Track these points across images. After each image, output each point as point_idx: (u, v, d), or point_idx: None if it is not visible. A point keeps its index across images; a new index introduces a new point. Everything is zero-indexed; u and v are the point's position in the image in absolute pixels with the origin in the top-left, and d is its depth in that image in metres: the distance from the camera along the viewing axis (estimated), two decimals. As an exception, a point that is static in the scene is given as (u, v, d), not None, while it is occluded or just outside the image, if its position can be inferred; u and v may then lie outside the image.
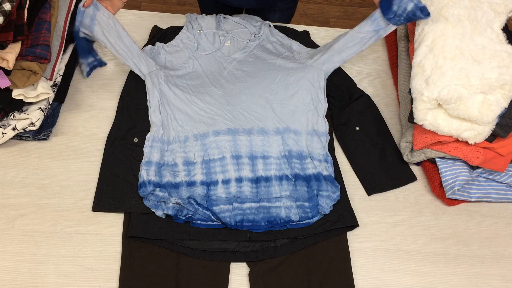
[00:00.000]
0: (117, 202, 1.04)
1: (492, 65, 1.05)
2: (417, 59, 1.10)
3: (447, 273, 1.05)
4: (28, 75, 1.06)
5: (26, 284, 0.95)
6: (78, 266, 0.98)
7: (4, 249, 0.98)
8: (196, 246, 1.01)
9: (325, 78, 1.23)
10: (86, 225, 1.03)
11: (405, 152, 1.16)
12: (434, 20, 1.14)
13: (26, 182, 1.07)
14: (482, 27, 1.12)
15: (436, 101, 1.04)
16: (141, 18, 1.39)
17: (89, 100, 1.21)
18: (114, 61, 1.29)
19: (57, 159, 1.11)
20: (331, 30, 1.44)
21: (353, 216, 1.08)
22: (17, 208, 1.03)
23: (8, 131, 1.07)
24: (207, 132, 1.13)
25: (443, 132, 1.07)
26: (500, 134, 1.07)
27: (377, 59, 1.40)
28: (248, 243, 1.02)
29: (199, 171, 1.08)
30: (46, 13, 1.13)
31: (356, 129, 1.21)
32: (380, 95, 1.31)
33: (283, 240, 1.03)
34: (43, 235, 1.00)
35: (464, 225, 1.12)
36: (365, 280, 1.03)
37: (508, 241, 1.11)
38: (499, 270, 1.07)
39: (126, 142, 1.12)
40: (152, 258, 0.99)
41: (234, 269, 1.01)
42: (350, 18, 2.56)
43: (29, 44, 1.07)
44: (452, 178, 1.09)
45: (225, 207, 1.03)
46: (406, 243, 1.08)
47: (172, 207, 1.03)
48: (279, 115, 1.17)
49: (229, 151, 1.11)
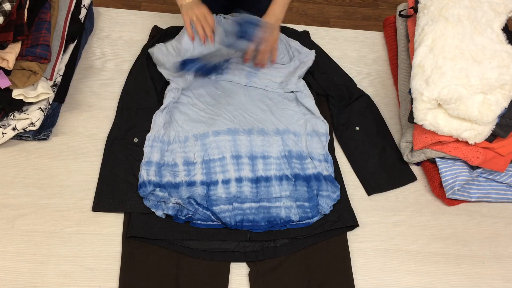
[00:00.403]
0: (117, 202, 1.04)
1: (492, 65, 1.05)
2: (417, 59, 1.10)
3: (447, 273, 1.05)
4: (28, 75, 1.06)
5: (26, 284, 0.95)
6: (78, 266, 0.98)
7: (4, 249, 0.98)
8: (196, 246, 1.01)
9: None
10: (86, 225, 1.03)
11: (405, 152, 1.16)
12: (434, 20, 1.14)
13: (26, 182, 1.07)
14: (482, 27, 1.12)
15: (436, 101, 1.04)
16: (141, 18, 1.39)
17: (89, 100, 1.21)
18: (114, 61, 1.29)
19: (57, 159, 1.11)
20: (331, 30, 1.44)
21: (353, 216, 1.08)
22: (17, 208, 1.03)
23: (8, 131, 1.06)
24: (207, 132, 1.13)
25: (443, 132, 1.07)
26: (500, 134, 1.07)
27: (377, 59, 1.40)
28: (248, 243, 1.02)
29: (199, 171, 1.08)
30: (46, 13, 1.13)
31: (356, 129, 1.21)
32: (380, 95, 1.31)
33: (283, 240, 1.03)
34: (43, 235, 1.00)
35: (464, 225, 1.12)
36: (365, 280, 1.03)
37: (508, 241, 1.11)
38: (499, 270, 1.07)
39: (126, 142, 1.12)
40: (152, 258, 0.99)
41: (234, 269, 1.01)
42: (350, 18, 2.56)
43: (29, 44, 1.07)
44: (452, 178, 1.09)
45: (225, 207, 1.03)
46: (406, 243, 1.08)
47: (172, 207, 1.02)
48: (278, 118, 1.18)
49: (229, 151, 1.11)
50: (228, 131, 1.13)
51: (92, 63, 1.28)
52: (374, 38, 1.45)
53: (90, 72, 1.26)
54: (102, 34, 1.34)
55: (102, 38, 1.33)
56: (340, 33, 1.44)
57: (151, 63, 1.24)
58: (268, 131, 1.15)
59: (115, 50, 1.31)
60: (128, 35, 1.34)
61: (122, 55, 1.30)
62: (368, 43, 1.43)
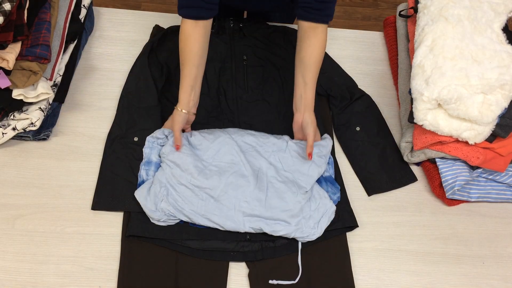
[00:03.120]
0: (117, 200, 1.04)
1: (492, 65, 1.05)
2: (417, 59, 1.10)
3: (447, 273, 1.05)
4: (28, 75, 1.06)
5: (26, 284, 0.95)
6: (78, 266, 0.98)
7: (4, 249, 0.98)
8: (195, 245, 1.01)
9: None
10: (86, 225, 1.03)
11: (405, 152, 1.16)
12: (434, 20, 1.14)
13: (26, 182, 1.07)
14: (482, 27, 1.12)
15: (436, 101, 1.04)
16: (141, 18, 1.39)
17: (89, 100, 1.21)
18: (114, 61, 1.29)
19: (57, 159, 1.11)
20: (331, 30, 1.44)
21: (353, 217, 1.07)
22: (17, 208, 1.03)
23: (8, 131, 1.06)
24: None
25: (443, 132, 1.06)
26: (500, 134, 1.07)
27: (377, 59, 1.40)
28: (247, 243, 1.02)
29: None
30: (46, 13, 1.13)
31: (356, 129, 1.21)
32: (380, 95, 1.31)
33: (282, 240, 1.03)
34: (43, 235, 1.00)
35: (464, 225, 1.12)
36: (365, 280, 1.03)
37: (508, 241, 1.11)
38: (499, 270, 1.07)
39: (126, 140, 1.12)
40: (151, 258, 0.99)
41: (234, 269, 1.01)
42: (350, 18, 2.56)
43: (29, 44, 1.07)
44: (452, 178, 1.09)
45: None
46: (406, 243, 1.08)
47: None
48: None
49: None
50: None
51: (92, 63, 1.28)
52: (374, 38, 1.45)
53: (90, 72, 1.26)
54: (102, 34, 1.34)
55: (102, 38, 1.33)
56: (340, 33, 1.44)
57: (152, 63, 1.24)
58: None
59: (115, 50, 1.31)
60: (128, 35, 1.34)
61: (122, 55, 1.30)
62: (368, 43, 1.43)
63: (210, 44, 1.28)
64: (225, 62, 1.26)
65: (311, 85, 1.07)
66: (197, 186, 1.02)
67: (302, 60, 1.06)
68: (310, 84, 1.07)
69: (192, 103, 1.08)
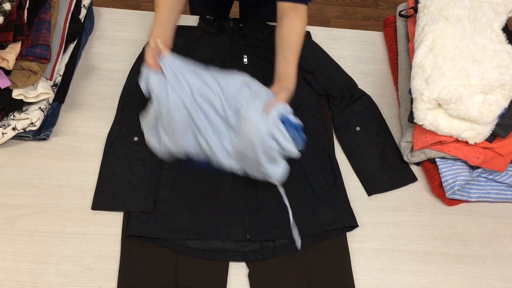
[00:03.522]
0: (117, 200, 1.04)
1: (492, 65, 1.05)
2: (417, 59, 1.10)
3: (447, 273, 1.05)
4: (28, 75, 1.06)
5: (26, 284, 0.95)
6: (78, 266, 0.98)
7: (4, 249, 0.98)
8: (195, 245, 1.01)
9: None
10: (86, 225, 1.03)
11: (405, 152, 1.16)
12: (434, 20, 1.14)
13: (26, 182, 1.07)
14: (482, 27, 1.12)
15: (436, 101, 1.04)
16: (141, 18, 1.39)
17: (89, 100, 1.21)
18: (114, 61, 1.29)
19: (57, 159, 1.11)
20: (331, 30, 1.44)
21: (353, 217, 1.08)
22: (17, 208, 1.03)
23: (8, 131, 1.06)
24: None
25: (443, 132, 1.07)
26: (500, 134, 1.07)
27: (377, 59, 1.40)
28: (247, 243, 1.02)
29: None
30: (46, 13, 1.13)
31: (356, 129, 1.21)
32: (380, 95, 1.31)
33: (282, 240, 1.03)
34: (43, 235, 1.00)
35: (464, 225, 1.12)
36: (365, 280, 1.03)
37: (508, 241, 1.11)
38: (499, 270, 1.07)
39: (126, 140, 1.12)
40: (151, 258, 0.99)
41: (234, 269, 1.01)
42: (350, 18, 2.56)
43: (29, 44, 1.07)
44: (452, 178, 1.09)
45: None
46: (406, 243, 1.08)
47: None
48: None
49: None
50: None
51: (92, 63, 1.28)
52: (374, 38, 1.45)
53: (90, 72, 1.26)
54: (102, 34, 1.34)
55: (102, 38, 1.33)
56: (340, 33, 1.44)
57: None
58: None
59: (115, 50, 1.31)
60: (128, 35, 1.34)
61: (122, 55, 1.30)
62: (368, 43, 1.43)
63: (210, 44, 1.28)
64: (225, 62, 1.26)
65: (292, 62, 1.02)
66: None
67: (282, 36, 1.04)
68: (291, 61, 1.01)
69: (162, 37, 0.99)
